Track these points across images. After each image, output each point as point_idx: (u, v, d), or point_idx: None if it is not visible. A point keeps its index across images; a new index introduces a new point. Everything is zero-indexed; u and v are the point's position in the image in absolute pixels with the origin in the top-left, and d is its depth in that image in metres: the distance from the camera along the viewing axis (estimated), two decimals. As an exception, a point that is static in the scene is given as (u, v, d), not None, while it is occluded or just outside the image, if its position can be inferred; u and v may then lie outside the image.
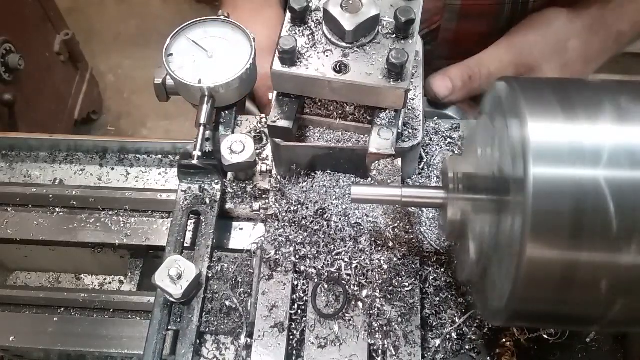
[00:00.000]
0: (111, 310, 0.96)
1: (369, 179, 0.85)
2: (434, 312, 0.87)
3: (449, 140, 1.00)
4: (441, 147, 0.99)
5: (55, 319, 0.96)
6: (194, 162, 0.93)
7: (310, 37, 0.83)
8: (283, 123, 0.84)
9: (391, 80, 0.79)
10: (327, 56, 0.82)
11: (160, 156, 1.18)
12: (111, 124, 3.21)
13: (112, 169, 1.18)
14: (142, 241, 1.01)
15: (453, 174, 0.76)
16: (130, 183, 1.16)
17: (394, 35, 0.82)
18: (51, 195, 1.05)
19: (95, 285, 1.18)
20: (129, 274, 1.10)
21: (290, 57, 0.80)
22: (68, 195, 1.05)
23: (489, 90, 0.70)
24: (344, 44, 0.82)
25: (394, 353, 0.81)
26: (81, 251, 1.09)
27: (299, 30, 0.83)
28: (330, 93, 0.83)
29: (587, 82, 0.64)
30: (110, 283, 1.17)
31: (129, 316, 0.95)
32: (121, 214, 1.04)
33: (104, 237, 1.02)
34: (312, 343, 0.82)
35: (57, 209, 1.05)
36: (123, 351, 0.92)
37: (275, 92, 0.86)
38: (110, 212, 1.04)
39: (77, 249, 1.07)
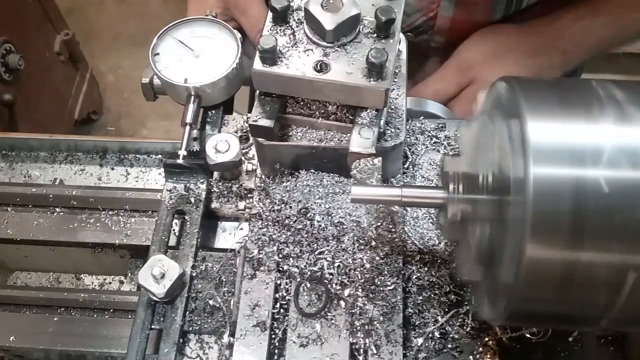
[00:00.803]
0: (111, 310, 0.97)
1: (352, 178, 0.85)
2: (417, 311, 0.87)
3: (434, 139, 1.00)
4: (427, 147, 0.99)
5: (55, 319, 0.97)
6: (180, 161, 0.93)
7: (291, 36, 0.83)
8: (264, 122, 0.84)
9: (372, 79, 0.79)
10: (307, 55, 0.82)
11: (160, 156, 1.18)
12: (111, 124, 3.22)
13: (112, 169, 1.19)
14: (142, 241, 1.01)
15: (453, 174, 0.76)
16: (130, 183, 1.17)
17: (375, 35, 0.82)
18: (51, 195, 1.05)
19: (95, 285, 1.18)
20: (129, 274, 1.11)
21: (270, 56, 0.80)
22: (68, 195, 1.05)
23: (489, 90, 0.70)
24: (324, 43, 0.82)
25: (375, 352, 0.81)
26: (81, 251, 1.10)
27: (280, 30, 0.83)
28: (311, 92, 0.83)
29: (587, 82, 0.63)
30: (110, 283, 1.18)
31: (129, 316, 0.95)
32: (121, 214, 1.04)
33: (104, 237, 1.02)
34: (294, 342, 0.82)
35: (57, 209, 1.05)
36: (123, 351, 0.92)
37: (257, 92, 0.86)
38: (110, 212, 1.04)
39: (77, 249, 1.07)
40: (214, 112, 1.04)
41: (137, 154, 1.19)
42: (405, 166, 0.97)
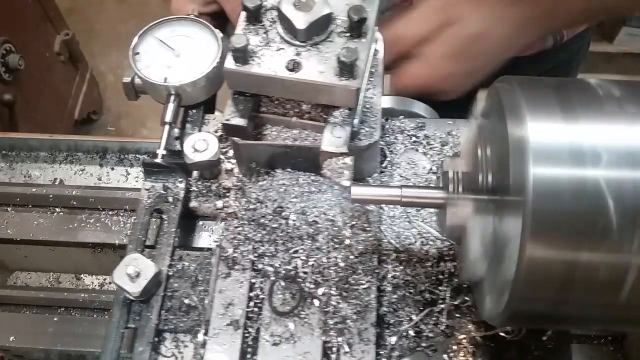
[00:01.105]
0: (111, 310, 0.97)
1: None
2: (392, 310, 0.87)
3: (414, 139, 1.00)
4: (406, 146, 0.99)
5: (55, 319, 0.98)
6: (158, 160, 0.94)
7: (264, 35, 0.83)
8: (237, 121, 0.84)
9: (343, 78, 0.79)
10: (280, 55, 0.82)
11: (160, 156, 1.19)
12: (111, 124, 3.24)
13: (112, 169, 1.20)
14: (142, 241, 1.01)
15: (453, 174, 0.76)
16: (130, 183, 1.18)
17: (348, 34, 0.82)
18: (51, 195, 1.06)
19: (95, 285, 1.19)
20: (129, 274, 1.11)
21: (242, 55, 0.80)
22: (68, 195, 1.06)
23: (489, 90, 0.71)
24: (297, 43, 0.82)
25: (348, 350, 0.81)
26: (81, 251, 1.10)
27: (253, 29, 0.84)
28: (284, 91, 0.83)
29: (588, 82, 0.64)
30: (110, 283, 1.18)
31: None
32: (121, 214, 1.05)
33: (104, 237, 1.04)
34: (267, 341, 0.83)
35: (57, 209, 1.06)
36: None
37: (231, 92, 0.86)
38: (110, 212, 1.05)
39: (77, 249, 1.08)
40: (194, 111, 1.04)
41: (137, 154, 1.20)
42: (384, 165, 0.97)
